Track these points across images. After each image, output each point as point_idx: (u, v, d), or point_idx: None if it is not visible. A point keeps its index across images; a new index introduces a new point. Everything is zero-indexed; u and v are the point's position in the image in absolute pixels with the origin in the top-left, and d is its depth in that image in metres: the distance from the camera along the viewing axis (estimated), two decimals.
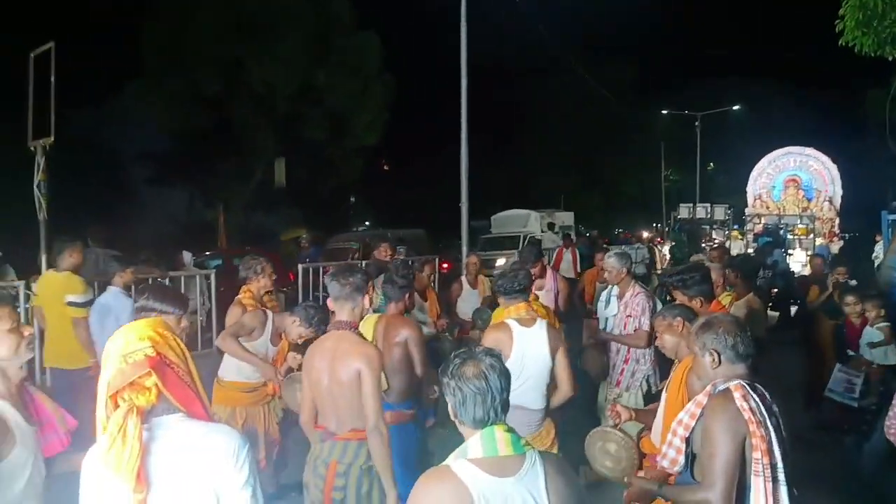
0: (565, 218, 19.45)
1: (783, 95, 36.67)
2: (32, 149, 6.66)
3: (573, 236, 10.91)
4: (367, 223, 34.77)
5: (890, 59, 7.18)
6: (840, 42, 7.08)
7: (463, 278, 6.73)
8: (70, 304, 4.90)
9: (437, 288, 8.49)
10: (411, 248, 14.50)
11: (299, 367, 3.78)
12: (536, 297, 5.63)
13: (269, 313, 4.05)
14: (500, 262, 13.60)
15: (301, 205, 23.78)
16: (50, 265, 6.85)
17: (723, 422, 2.14)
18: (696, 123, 31.35)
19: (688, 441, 2.35)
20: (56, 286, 5.01)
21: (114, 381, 1.61)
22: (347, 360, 2.79)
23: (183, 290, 8.41)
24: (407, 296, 3.97)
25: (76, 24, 16.62)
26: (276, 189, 20.19)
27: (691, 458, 2.34)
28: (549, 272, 5.93)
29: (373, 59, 19.70)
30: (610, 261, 4.80)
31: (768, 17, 47.20)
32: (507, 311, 3.58)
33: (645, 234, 29.78)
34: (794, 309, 11.66)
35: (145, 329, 1.70)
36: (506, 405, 1.75)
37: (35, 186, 6.64)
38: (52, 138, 6.48)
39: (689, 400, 2.62)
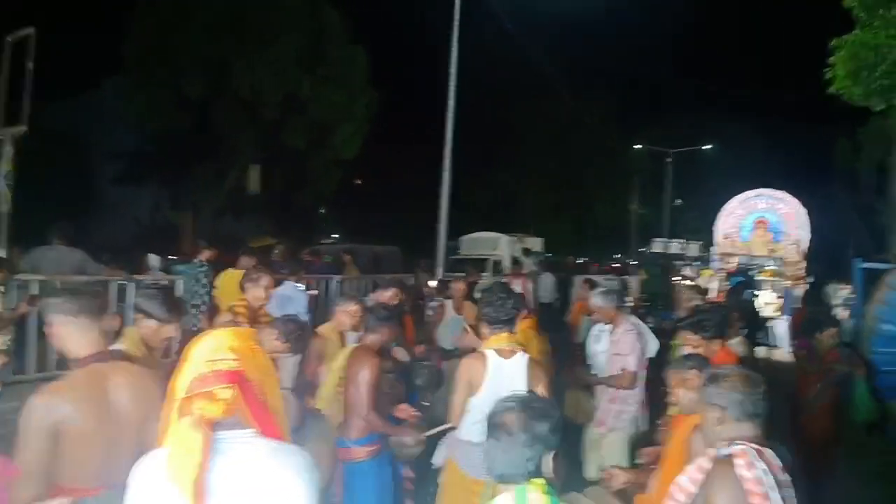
0: (535, 244, 19.42)
1: (755, 137, 37.70)
2: (0, 137, 6.33)
3: (523, 263, 10.19)
4: (335, 236, 34.45)
5: (877, 109, 7.36)
6: (829, 90, 7.23)
7: (448, 303, 6.54)
8: None
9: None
10: (385, 265, 14.34)
11: None
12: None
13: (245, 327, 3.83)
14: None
15: (272, 214, 23.40)
16: (8, 259, 6.51)
17: (724, 495, 1.97)
18: (668, 159, 31.95)
19: None
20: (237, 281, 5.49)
21: (193, 384, 1.55)
22: None
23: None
24: (385, 329, 3.82)
25: (58, 12, 16.17)
26: (250, 196, 19.80)
27: None
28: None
29: (360, 72, 19.61)
30: (596, 301, 4.69)
31: (746, 60, 48.69)
32: (488, 342, 3.40)
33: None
34: (760, 349, 11.85)
35: (237, 340, 1.64)
36: (543, 461, 1.58)
37: (1, 177, 6.29)
38: (25, 127, 6.16)
39: (692, 458, 2.52)
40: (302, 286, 6.67)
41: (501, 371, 3.25)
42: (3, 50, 6.37)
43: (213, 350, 1.60)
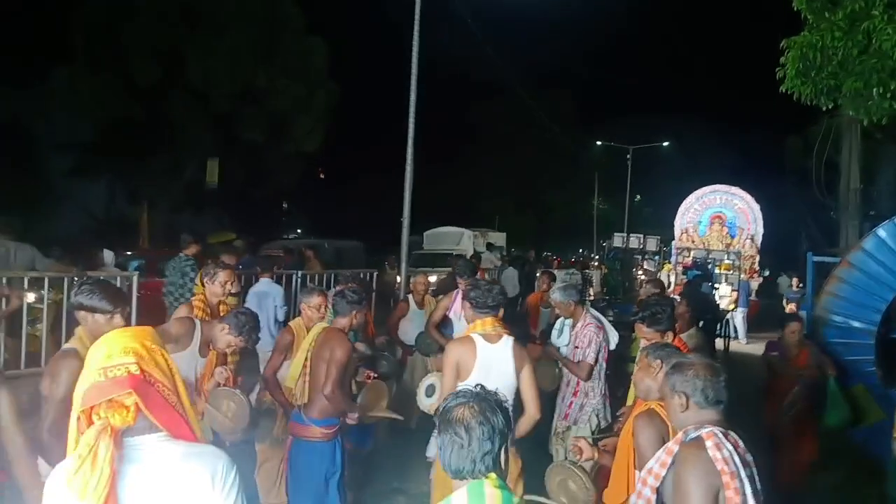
0: (498, 238, 19.55)
1: (712, 134, 38.57)
2: None
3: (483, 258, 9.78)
4: (298, 231, 34.05)
5: (825, 108, 7.59)
6: (780, 89, 7.42)
7: (410, 297, 6.51)
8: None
9: (372, 306, 8.23)
10: (347, 260, 14.21)
11: (226, 383, 3.56)
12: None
13: (197, 322, 3.70)
14: (433, 279, 13.45)
15: (232, 208, 22.95)
16: None
17: (695, 473, 2.02)
18: (628, 156, 32.46)
19: (658, 491, 2.23)
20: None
21: (89, 395, 1.46)
22: None
23: None
24: (354, 313, 3.77)
25: None
26: (208, 189, 19.39)
27: None
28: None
29: (318, 64, 19.36)
30: (555, 296, 4.75)
31: (703, 59, 49.76)
32: (474, 326, 3.44)
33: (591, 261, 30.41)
34: (718, 341, 12.18)
35: (131, 341, 1.54)
36: (498, 455, 1.57)
37: None
38: None
39: (635, 446, 2.58)
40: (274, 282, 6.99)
41: (489, 355, 3.29)
42: None
43: (107, 356, 1.51)
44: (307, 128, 19.83)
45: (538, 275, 7.66)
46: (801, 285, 13.71)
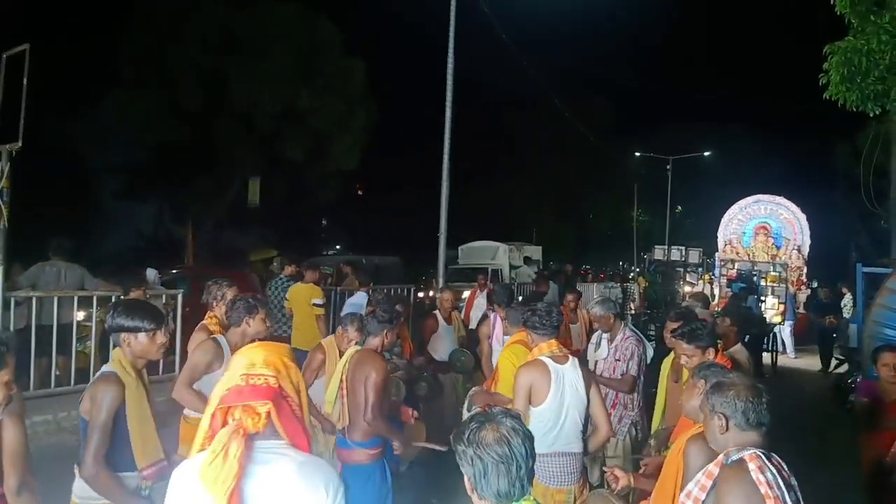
0: (534, 252, 19.34)
1: (755, 143, 37.69)
2: None
3: (486, 277, 9.35)
4: (337, 247, 34.49)
5: (872, 115, 7.35)
6: (825, 95, 7.22)
7: (437, 314, 6.48)
8: (315, 305, 7.24)
9: (410, 324, 8.26)
10: (385, 276, 14.31)
11: None
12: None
13: (222, 339, 3.71)
14: (466, 294, 13.42)
15: (273, 225, 23.40)
16: (7, 276, 6.50)
17: (738, 496, 1.96)
18: (668, 167, 31.95)
19: None
20: (304, 293, 7.38)
21: (229, 396, 1.62)
22: None
23: None
24: (385, 332, 3.78)
25: (53, 26, 16.23)
26: (250, 208, 19.81)
27: None
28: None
29: (357, 83, 19.66)
30: (594, 310, 4.72)
31: (745, 66, 48.86)
32: (540, 349, 3.42)
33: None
34: (766, 355, 11.81)
35: (272, 356, 1.71)
36: (531, 475, 1.55)
37: None
38: (20, 143, 6.15)
39: (685, 469, 2.48)
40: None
41: (562, 377, 3.28)
42: (0, 66, 6.39)
43: (250, 364, 1.66)
44: (346, 146, 20.12)
45: (565, 293, 7.55)
46: (829, 296, 13.16)
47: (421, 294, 15.07)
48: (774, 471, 1.99)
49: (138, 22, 17.97)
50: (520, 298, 8.18)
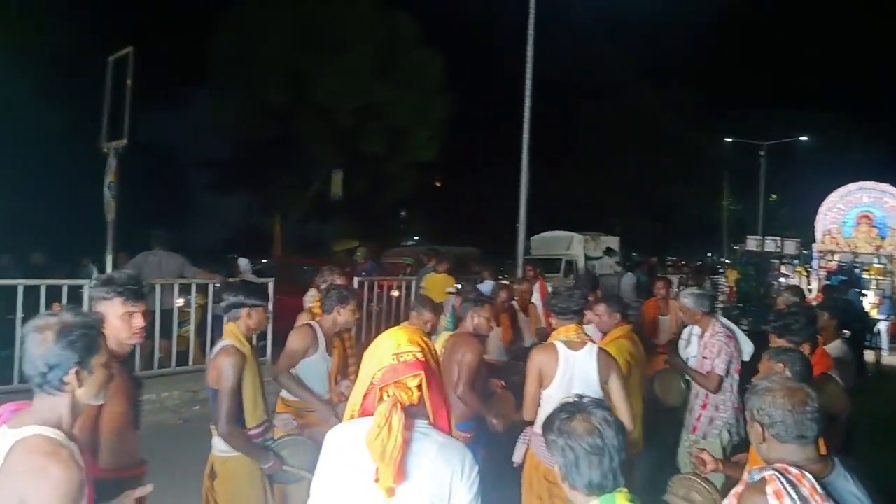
0: (611, 242, 18.78)
1: (856, 127, 35.17)
2: (105, 150, 6.77)
3: (536, 268, 8.93)
4: (415, 238, 34.93)
5: None
6: None
7: (515, 305, 6.39)
8: (449, 292, 7.41)
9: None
10: (464, 267, 14.35)
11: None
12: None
13: (315, 325, 3.91)
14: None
15: (355, 217, 23.96)
16: (115, 265, 6.97)
17: None
18: (761, 153, 30.36)
19: None
20: (439, 282, 7.85)
21: (385, 376, 1.73)
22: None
23: None
24: (471, 313, 3.85)
25: (148, 28, 17.16)
26: (333, 200, 20.37)
27: None
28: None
29: (435, 75, 19.77)
30: (686, 302, 4.50)
31: (843, 46, 45.59)
32: (557, 332, 3.40)
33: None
34: (868, 353, 11.01)
35: (414, 335, 1.84)
36: (623, 467, 1.51)
37: (105, 187, 6.72)
38: (125, 141, 6.57)
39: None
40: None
41: (572, 362, 3.24)
42: (106, 69, 6.84)
43: (397, 345, 1.77)
44: (424, 138, 20.32)
45: (655, 282, 7.24)
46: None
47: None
48: (796, 496, 1.75)
49: (227, 23, 18.78)
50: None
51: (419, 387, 1.73)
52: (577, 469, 1.49)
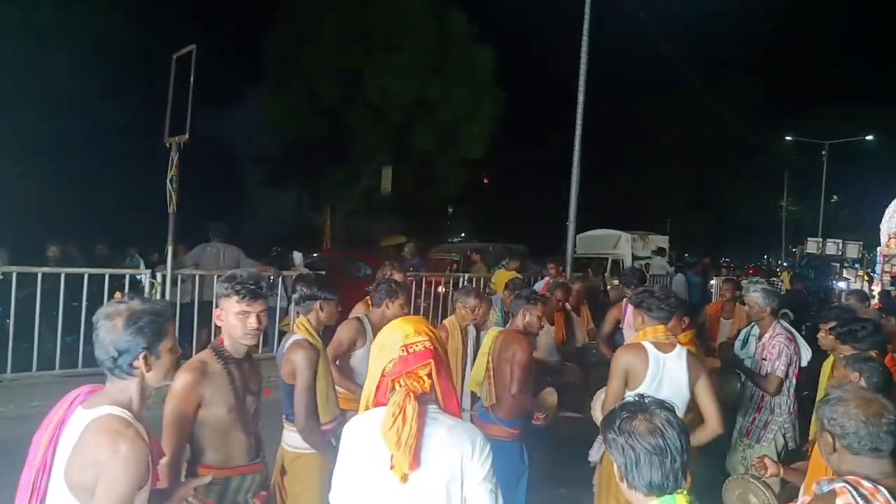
0: (660, 241, 18.35)
1: None
2: (168, 145, 7.00)
3: (558, 266, 8.75)
4: (462, 234, 34.95)
5: None
6: None
7: (567, 305, 6.37)
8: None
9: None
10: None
11: None
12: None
13: (364, 318, 3.94)
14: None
15: (402, 212, 24.13)
16: (175, 255, 7.22)
17: None
18: (823, 152, 29.24)
19: None
20: (508, 278, 7.43)
21: (396, 368, 1.78)
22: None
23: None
24: (522, 311, 3.84)
25: (208, 27, 17.65)
26: (382, 196, 20.55)
27: None
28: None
29: (485, 72, 19.71)
30: (755, 296, 4.37)
31: None
32: (644, 333, 3.28)
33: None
34: None
35: (420, 324, 1.88)
36: (685, 469, 1.49)
37: (168, 181, 6.96)
38: (187, 136, 6.78)
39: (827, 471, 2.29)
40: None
41: (662, 364, 3.15)
42: (169, 66, 7.07)
43: (405, 336, 1.82)
44: (473, 135, 20.27)
45: (721, 283, 7.02)
46: None
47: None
48: None
49: (279, 20, 19.14)
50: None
51: (429, 375, 1.78)
52: (638, 469, 1.47)
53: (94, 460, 1.63)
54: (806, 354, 4.39)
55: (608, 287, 10.88)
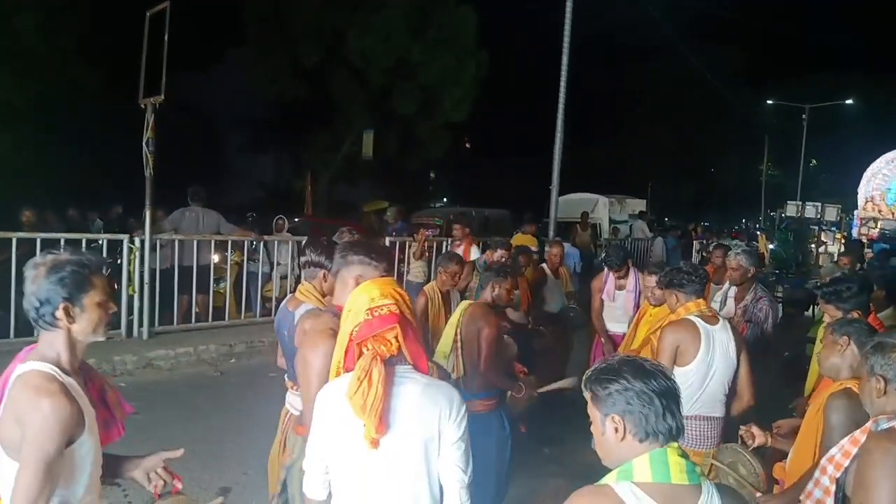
0: (638, 205, 18.32)
1: None
2: (143, 106, 6.82)
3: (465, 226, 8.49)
4: (444, 199, 34.84)
5: None
6: None
7: (545, 267, 6.36)
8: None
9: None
10: (494, 229, 14.29)
11: None
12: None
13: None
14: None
15: (384, 178, 23.93)
16: (154, 220, 7.10)
17: (883, 468, 1.79)
18: (803, 116, 29.39)
19: (837, 482, 2.04)
20: (524, 241, 7.73)
21: (362, 332, 1.78)
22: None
23: (277, 255, 8.59)
24: (492, 283, 3.81)
25: None
26: (363, 161, 20.32)
27: (842, 502, 2.04)
28: (632, 271, 5.58)
29: (468, 35, 19.36)
30: (739, 258, 4.41)
31: (891, 6, 43.32)
32: (686, 308, 3.28)
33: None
34: None
35: (387, 287, 1.86)
36: (681, 422, 1.48)
37: (143, 143, 6.80)
38: (163, 96, 6.61)
39: (825, 428, 2.38)
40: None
41: (713, 337, 3.16)
42: (143, 24, 6.85)
43: (371, 299, 1.81)
44: (456, 99, 20.01)
45: (711, 248, 7.00)
46: None
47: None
48: None
49: None
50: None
51: (396, 337, 1.78)
52: (636, 415, 1.44)
53: (17, 417, 1.59)
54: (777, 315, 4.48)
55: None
